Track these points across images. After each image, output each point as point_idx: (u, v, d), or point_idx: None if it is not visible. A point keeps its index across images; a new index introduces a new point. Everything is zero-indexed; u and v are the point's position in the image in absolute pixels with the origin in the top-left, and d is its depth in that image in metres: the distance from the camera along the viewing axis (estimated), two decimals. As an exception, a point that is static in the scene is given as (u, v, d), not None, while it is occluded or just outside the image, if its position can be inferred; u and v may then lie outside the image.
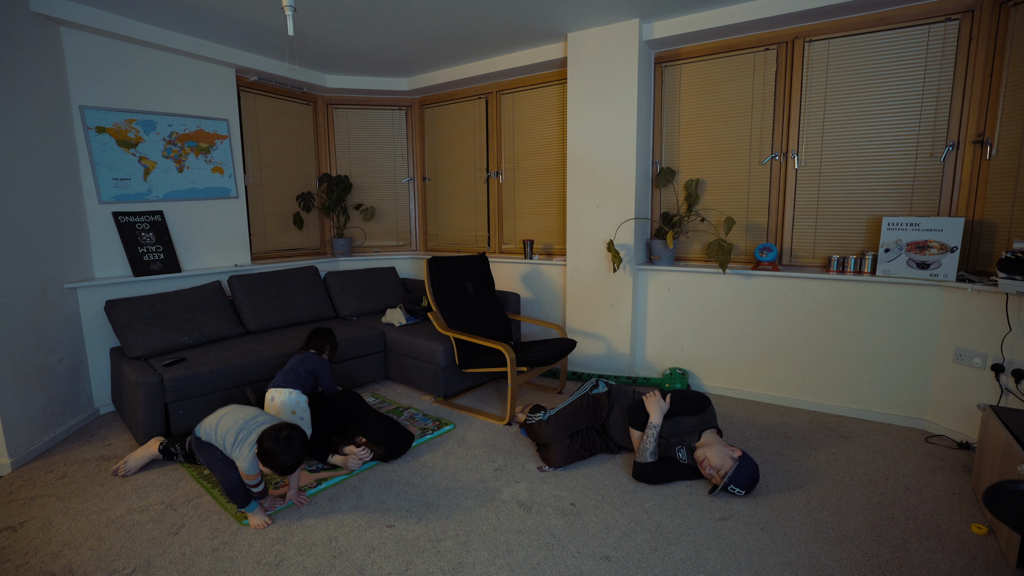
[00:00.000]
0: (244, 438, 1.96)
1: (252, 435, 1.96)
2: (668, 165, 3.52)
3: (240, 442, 1.95)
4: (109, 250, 3.20)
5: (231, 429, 2.00)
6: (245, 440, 1.95)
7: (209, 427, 2.07)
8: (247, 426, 2.00)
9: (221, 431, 2.02)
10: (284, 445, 1.91)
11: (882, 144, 2.87)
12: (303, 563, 1.79)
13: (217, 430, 2.03)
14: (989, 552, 1.80)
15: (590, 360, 3.68)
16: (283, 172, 4.27)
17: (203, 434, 2.09)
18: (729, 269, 3.19)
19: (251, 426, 2.00)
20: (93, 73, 3.06)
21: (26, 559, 1.82)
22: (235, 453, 1.96)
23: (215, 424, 2.06)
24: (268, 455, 1.90)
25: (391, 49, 3.71)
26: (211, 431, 2.05)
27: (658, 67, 3.47)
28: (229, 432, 1.99)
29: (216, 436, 2.03)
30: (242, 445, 1.94)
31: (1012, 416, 2.01)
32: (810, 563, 1.76)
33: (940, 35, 2.68)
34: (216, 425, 2.05)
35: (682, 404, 2.40)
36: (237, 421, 2.02)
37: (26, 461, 2.52)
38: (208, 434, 2.06)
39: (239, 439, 1.96)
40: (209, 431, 2.06)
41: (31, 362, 2.61)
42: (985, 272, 2.61)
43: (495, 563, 1.78)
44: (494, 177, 4.30)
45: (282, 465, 1.91)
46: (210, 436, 2.05)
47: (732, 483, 2.10)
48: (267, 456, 1.91)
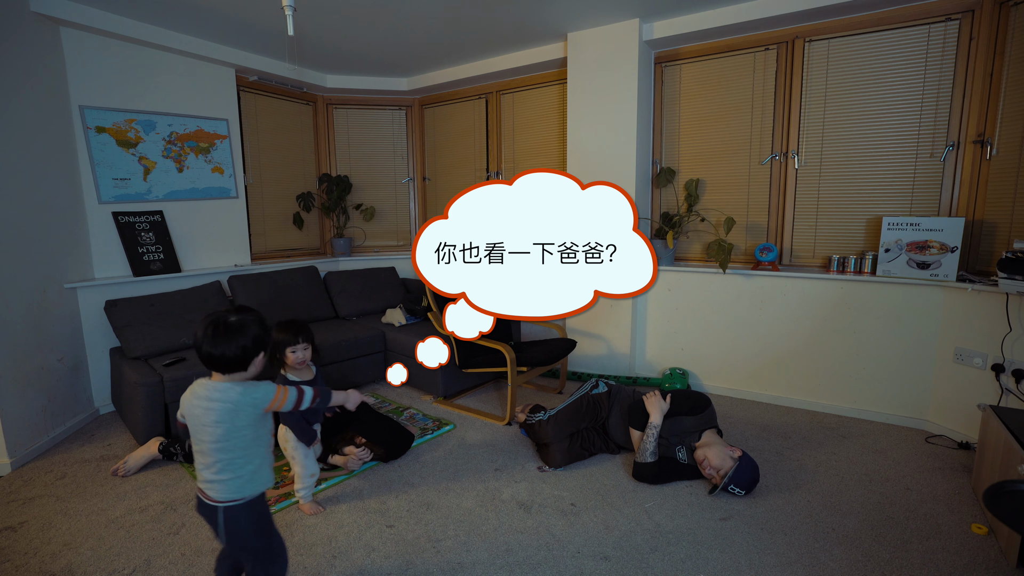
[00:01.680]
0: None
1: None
2: (668, 165, 3.52)
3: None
4: (109, 250, 3.20)
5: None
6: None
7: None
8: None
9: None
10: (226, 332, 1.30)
11: (882, 144, 2.87)
12: (303, 563, 1.79)
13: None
14: (989, 552, 1.80)
15: (590, 360, 3.68)
16: (283, 172, 4.27)
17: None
18: (729, 269, 3.19)
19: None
20: (93, 73, 3.06)
21: (26, 559, 1.82)
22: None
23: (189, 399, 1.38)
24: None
25: (391, 49, 3.71)
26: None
27: (658, 67, 3.47)
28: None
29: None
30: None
31: (1012, 416, 2.01)
32: (810, 563, 1.76)
33: (940, 35, 2.68)
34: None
35: (682, 404, 2.40)
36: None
37: (26, 461, 2.52)
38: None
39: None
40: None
41: (31, 362, 2.61)
42: (985, 272, 2.61)
43: (495, 563, 1.78)
44: (494, 177, 4.30)
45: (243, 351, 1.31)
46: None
47: (732, 483, 2.10)
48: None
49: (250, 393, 1.32)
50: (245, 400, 1.31)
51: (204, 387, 1.32)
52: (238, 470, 1.33)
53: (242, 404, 1.31)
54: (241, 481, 1.34)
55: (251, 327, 1.33)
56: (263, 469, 1.39)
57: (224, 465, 1.32)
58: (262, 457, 1.38)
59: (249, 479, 1.35)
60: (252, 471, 1.35)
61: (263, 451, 1.39)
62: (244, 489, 1.35)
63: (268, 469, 1.41)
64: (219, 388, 1.30)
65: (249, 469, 1.35)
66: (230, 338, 1.29)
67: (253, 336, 1.33)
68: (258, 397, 1.33)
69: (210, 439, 1.30)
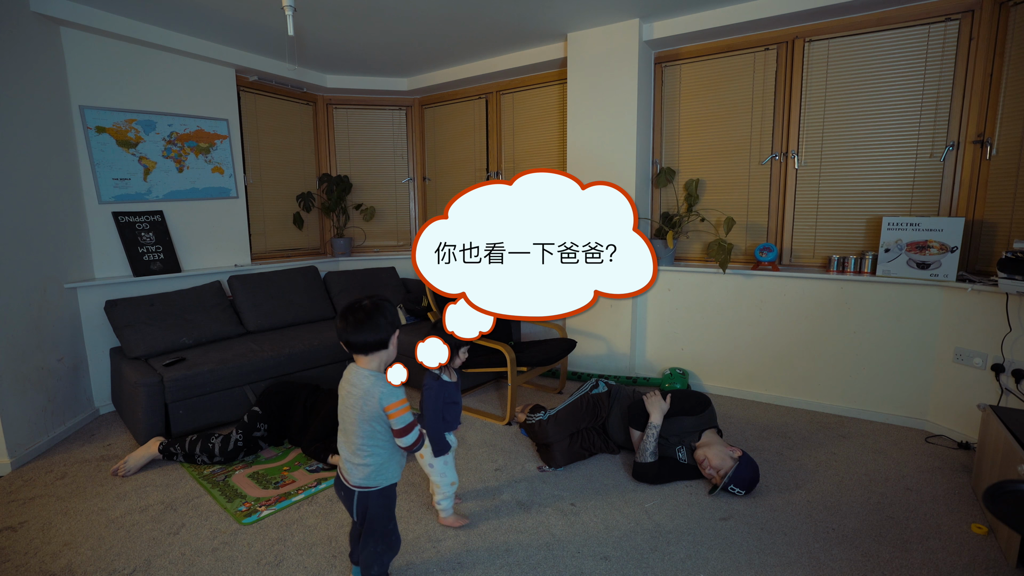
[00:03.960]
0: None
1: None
2: (668, 165, 3.52)
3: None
4: (109, 250, 3.20)
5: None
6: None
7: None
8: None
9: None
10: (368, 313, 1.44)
11: (882, 144, 2.87)
12: (303, 563, 1.79)
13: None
14: (989, 552, 1.80)
15: (590, 360, 3.68)
16: (283, 172, 4.27)
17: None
18: (729, 269, 3.19)
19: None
20: (93, 73, 3.06)
21: (26, 559, 1.82)
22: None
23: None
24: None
25: (391, 49, 3.71)
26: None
27: (658, 67, 3.47)
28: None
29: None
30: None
31: (1012, 416, 2.01)
32: (810, 563, 1.76)
33: (940, 35, 2.68)
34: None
35: (682, 404, 2.40)
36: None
37: (26, 461, 2.52)
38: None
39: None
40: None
41: (31, 362, 2.61)
42: (985, 272, 2.61)
43: (495, 563, 1.78)
44: (494, 177, 4.30)
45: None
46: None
47: (732, 483, 2.10)
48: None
49: (378, 387, 1.43)
50: (373, 391, 1.42)
51: (350, 371, 1.49)
52: (368, 458, 1.46)
53: (370, 394, 1.42)
54: (371, 470, 1.46)
55: (381, 316, 1.45)
56: (391, 463, 1.50)
57: (357, 448, 1.46)
58: (390, 452, 1.49)
59: (378, 469, 1.47)
60: (381, 463, 1.48)
61: (391, 447, 1.50)
62: (375, 478, 1.48)
63: (396, 465, 1.52)
64: (359, 374, 1.46)
65: (378, 460, 1.47)
66: (362, 324, 1.43)
67: (385, 320, 1.45)
68: (383, 394, 1.43)
69: (349, 421, 1.46)
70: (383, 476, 1.49)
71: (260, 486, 2.27)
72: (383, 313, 1.46)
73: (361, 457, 1.46)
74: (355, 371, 1.49)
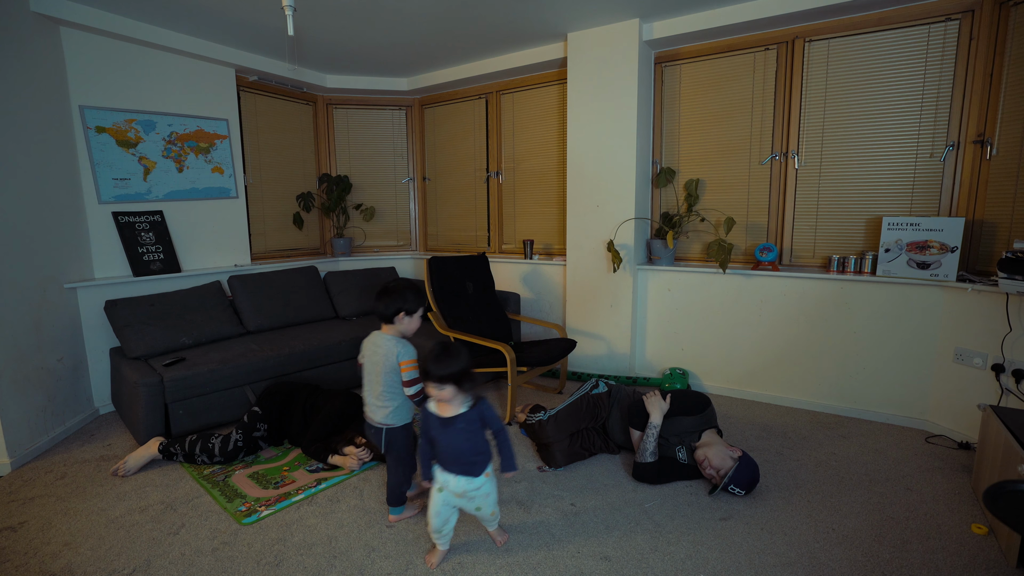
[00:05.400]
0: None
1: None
2: (668, 165, 3.52)
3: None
4: (109, 250, 3.20)
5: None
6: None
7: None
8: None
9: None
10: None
11: (882, 144, 2.87)
12: (303, 563, 1.79)
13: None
14: (989, 552, 1.80)
15: (590, 360, 3.68)
16: (283, 172, 4.27)
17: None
18: (729, 269, 3.19)
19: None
20: (93, 73, 3.06)
21: (26, 559, 1.82)
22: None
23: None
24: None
25: (391, 49, 3.71)
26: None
27: (658, 67, 3.47)
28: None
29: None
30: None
31: (1012, 416, 2.01)
32: (810, 563, 1.76)
33: (940, 35, 2.68)
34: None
35: (682, 404, 2.39)
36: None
37: (26, 461, 2.52)
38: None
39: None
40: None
41: (31, 362, 2.61)
42: (985, 272, 2.61)
43: (495, 563, 1.78)
44: (494, 177, 4.30)
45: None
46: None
47: (732, 483, 2.10)
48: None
49: (397, 346, 1.90)
50: (393, 350, 1.90)
51: (376, 334, 1.96)
52: (387, 402, 1.92)
53: (391, 352, 1.89)
54: (390, 410, 1.93)
55: (396, 296, 1.91)
56: (404, 407, 1.97)
57: (380, 394, 1.92)
58: (402, 399, 1.95)
59: (395, 411, 1.94)
60: (397, 406, 1.94)
61: (403, 396, 1.95)
62: (394, 417, 1.94)
63: (407, 410, 1.99)
64: (383, 337, 1.93)
65: (395, 403, 1.93)
66: (381, 300, 1.92)
67: (399, 300, 1.91)
68: (399, 352, 1.90)
69: (374, 373, 1.92)
70: (399, 416, 1.95)
71: (260, 486, 2.27)
72: (400, 293, 1.92)
73: (383, 401, 1.92)
74: (379, 335, 1.95)
